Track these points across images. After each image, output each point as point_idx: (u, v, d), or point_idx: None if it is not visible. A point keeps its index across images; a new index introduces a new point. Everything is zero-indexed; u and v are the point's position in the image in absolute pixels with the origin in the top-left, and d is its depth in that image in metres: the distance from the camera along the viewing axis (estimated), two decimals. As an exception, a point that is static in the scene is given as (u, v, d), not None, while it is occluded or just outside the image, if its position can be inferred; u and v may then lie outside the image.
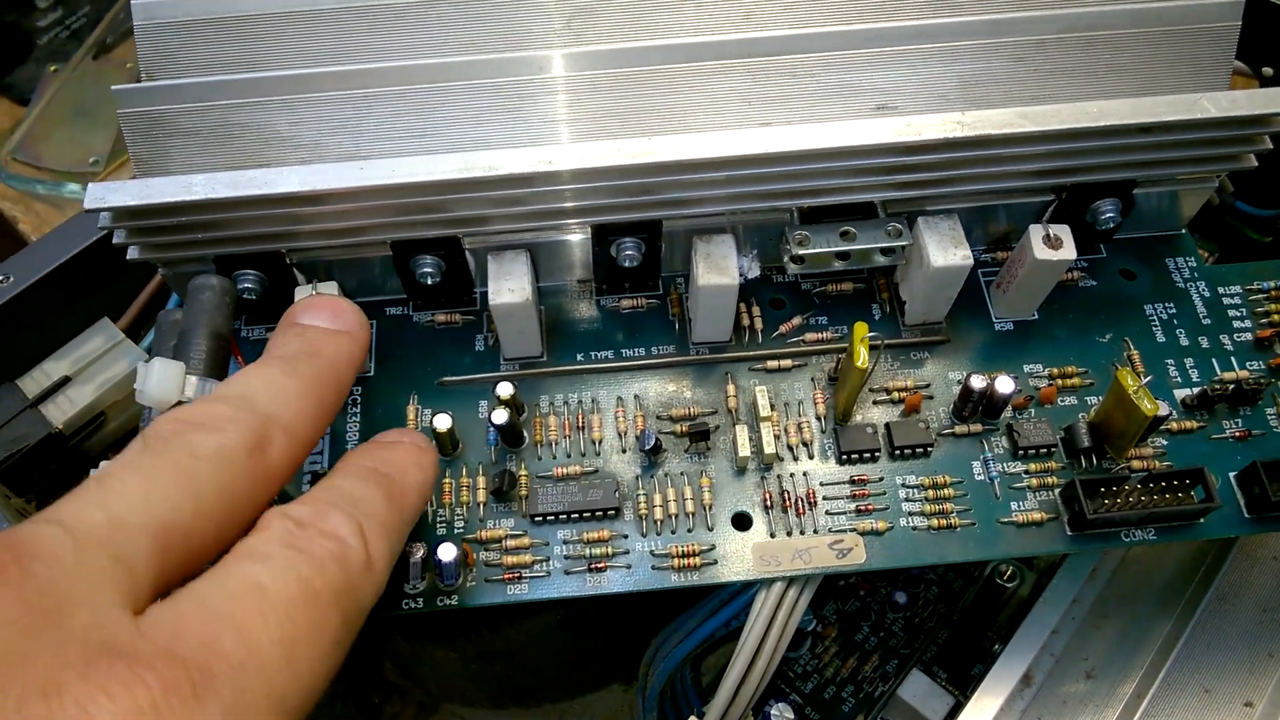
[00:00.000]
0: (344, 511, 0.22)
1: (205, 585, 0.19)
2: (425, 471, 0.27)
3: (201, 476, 0.21)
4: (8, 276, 0.40)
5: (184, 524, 0.20)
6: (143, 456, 0.21)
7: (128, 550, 0.19)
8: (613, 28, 0.34)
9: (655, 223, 0.34)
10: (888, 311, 0.37)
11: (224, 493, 0.21)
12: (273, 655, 0.18)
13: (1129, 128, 0.32)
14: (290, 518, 0.22)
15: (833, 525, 0.33)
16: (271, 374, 0.25)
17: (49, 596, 0.17)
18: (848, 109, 0.34)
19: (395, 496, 0.25)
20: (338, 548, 0.21)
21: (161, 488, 0.20)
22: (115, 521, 0.19)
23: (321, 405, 0.25)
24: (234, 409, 0.23)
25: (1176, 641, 0.40)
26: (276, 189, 0.30)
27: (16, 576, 0.17)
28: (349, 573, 0.21)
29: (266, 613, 0.19)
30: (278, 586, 0.20)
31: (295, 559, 0.20)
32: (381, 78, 0.33)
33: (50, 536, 0.18)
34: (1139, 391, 0.31)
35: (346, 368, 0.27)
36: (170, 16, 0.34)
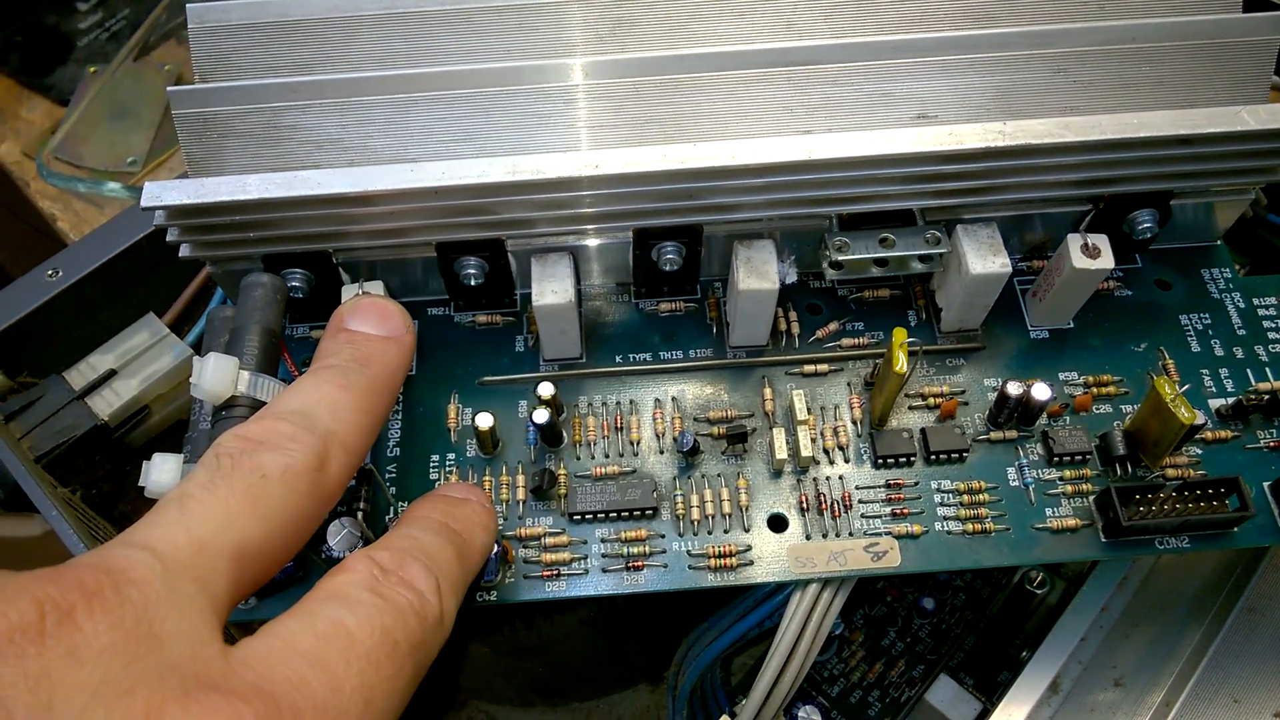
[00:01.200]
0: (423, 564, 0.23)
1: (294, 625, 0.20)
2: (489, 534, 0.28)
3: (272, 497, 0.22)
4: (57, 271, 0.41)
5: (256, 544, 0.21)
6: (217, 478, 0.22)
7: (210, 574, 0.20)
8: (656, 36, 0.35)
9: (696, 228, 0.34)
10: (923, 318, 0.38)
11: (291, 512, 0.22)
12: (354, 701, 0.19)
13: (1169, 139, 0.32)
14: (375, 563, 0.22)
15: (868, 528, 0.34)
16: (327, 389, 0.25)
17: (144, 623, 0.17)
18: (887, 118, 0.34)
19: (464, 556, 0.26)
20: (417, 600, 0.22)
21: (237, 511, 0.21)
22: (198, 546, 0.20)
23: (373, 416, 0.26)
24: (295, 427, 0.23)
25: (1205, 651, 0.40)
26: (330, 189, 0.31)
27: (114, 601, 0.17)
28: (424, 626, 0.22)
29: (351, 659, 0.20)
30: (363, 633, 0.20)
31: (380, 607, 0.21)
32: (427, 83, 0.34)
33: (141, 561, 0.19)
34: (1176, 400, 0.32)
35: (396, 375, 0.28)
36: (223, 20, 0.34)
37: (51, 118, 0.67)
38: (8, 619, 0.16)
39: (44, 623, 0.16)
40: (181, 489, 0.21)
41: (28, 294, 0.41)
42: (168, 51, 0.68)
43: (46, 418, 0.39)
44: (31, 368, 0.42)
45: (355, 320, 0.28)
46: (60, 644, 0.16)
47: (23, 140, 0.67)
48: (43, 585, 0.17)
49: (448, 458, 0.35)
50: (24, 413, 0.39)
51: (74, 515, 0.36)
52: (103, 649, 0.17)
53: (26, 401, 0.39)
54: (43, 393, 0.39)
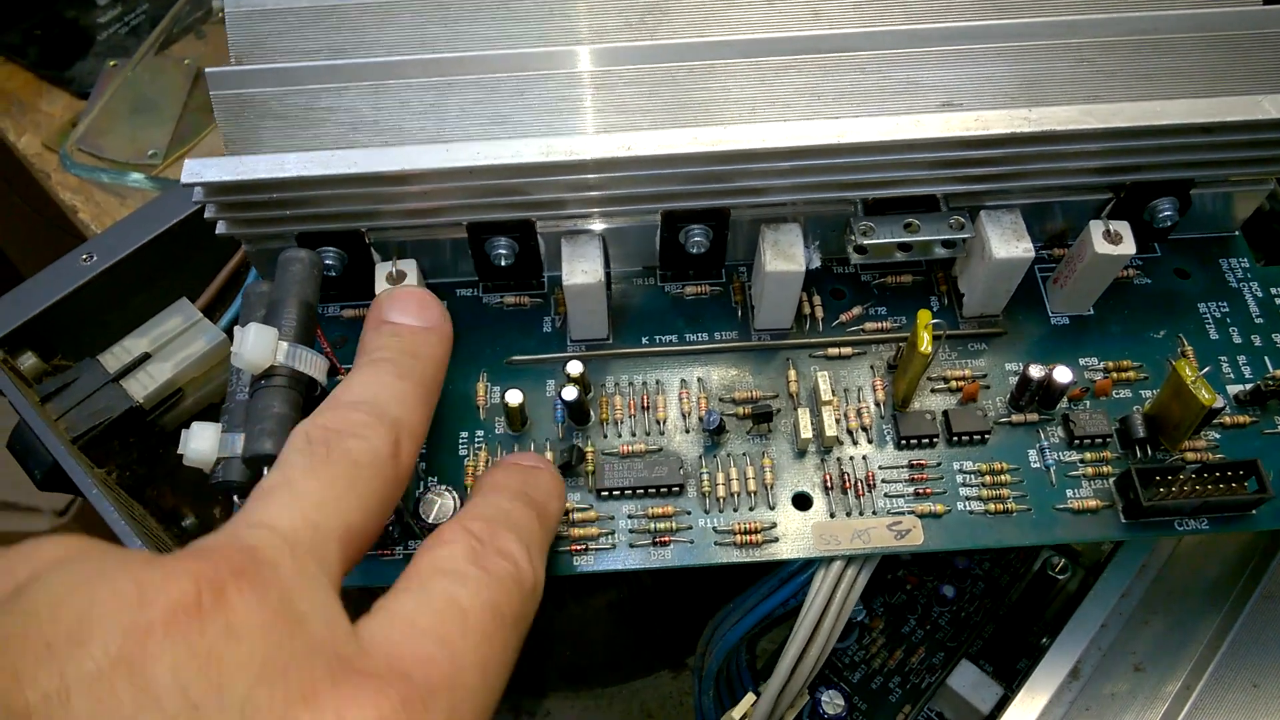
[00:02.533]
0: (514, 533, 0.24)
1: (410, 602, 0.21)
2: (561, 501, 0.29)
3: (365, 481, 0.23)
4: (91, 256, 0.42)
5: (357, 526, 0.22)
6: (315, 464, 0.22)
7: (327, 554, 0.20)
8: (687, 23, 0.35)
9: (724, 211, 0.35)
10: (946, 304, 0.38)
11: (379, 496, 0.23)
12: (474, 674, 0.20)
13: (1191, 127, 0.33)
14: (472, 534, 0.23)
15: (891, 507, 0.34)
16: (388, 379, 0.26)
17: (286, 601, 0.18)
18: (913, 105, 0.35)
19: (545, 521, 0.27)
20: (515, 570, 0.23)
21: (341, 494, 0.22)
22: (313, 526, 0.20)
23: (429, 405, 0.27)
24: (369, 416, 0.24)
25: (1225, 637, 0.41)
26: (367, 168, 0.32)
27: (257, 580, 0.18)
28: (523, 595, 0.23)
29: (468, 633, 0.20)
30: (475, 608, 0.21)
31: (485, 580, 0.22)
32: (462, 66, 0.34)
33: (270, 541, 0.19)
34: (1197, 382, 0.32)
35: (442, 364, 0.29)
36: (258, 4, 0.35)
37: (71, 111, 0.68)
38: (169, 596, 0.16)
39: (201, 601, 0.16)
40: (284, 474, 0.22)
41: (63, 278, 0.41)
42: (188, 46, 0.69)
43: (82, 400, 0.39)
44: (66, 351, 0.43)
45: (395, 312, 0.29)
46: (219, 621, 0.16)
47: (43, 133, 0.67)
48: (197, 563, 0.17)
49: (476, 434, 0.36)
50: (60, 394, 0.39)
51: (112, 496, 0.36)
52: (256, 627, 0.17)
53: (62, 384, 0.40)
54: (78, 375, 0.40)
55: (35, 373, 0.42)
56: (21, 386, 0.40)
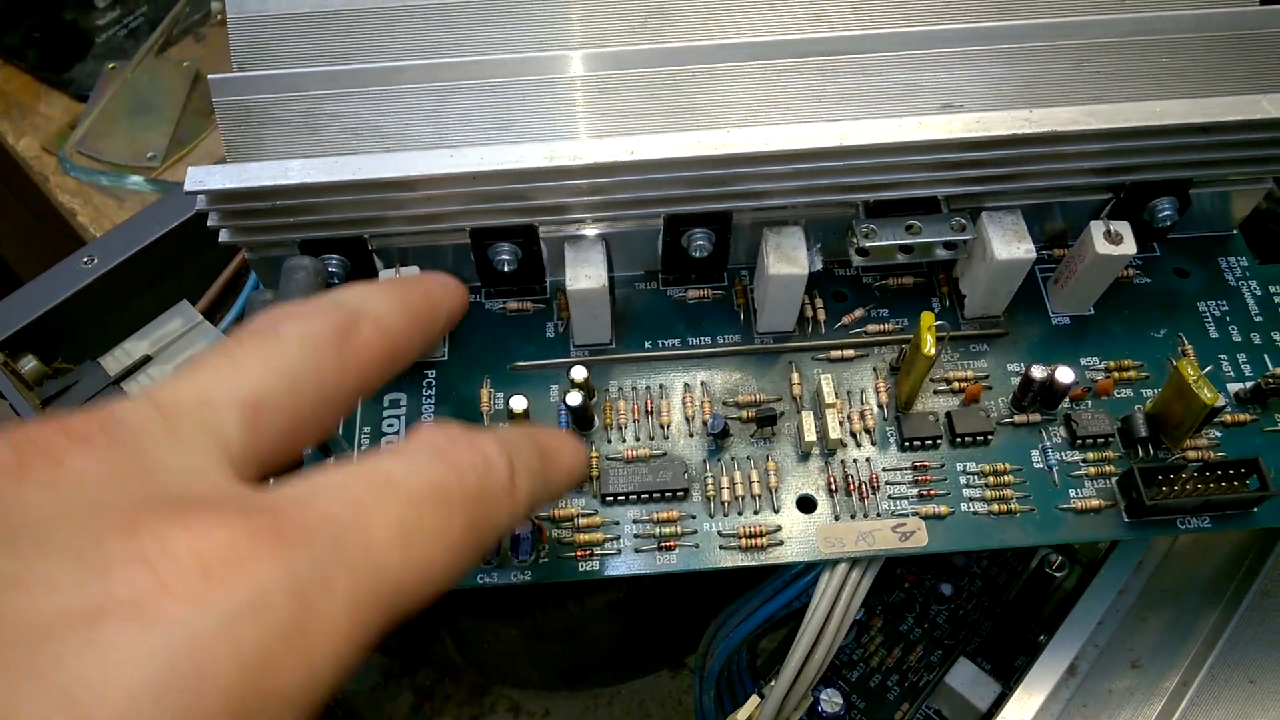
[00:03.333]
0: (498, 443, 0.21)
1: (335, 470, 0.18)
2: (579, 457, 0.25)
3: (287, 355, 0.20)
4: (92, 258, 0.42)
5: (274, 401, 0.19)
6: (230, 343, 0.20)
7: (218, 421, 0.18)
8: (688, 27, 0.35)
9: (726, 214, 0.35)
10: (947, 305, 0.38)
11: (310, 371, 0.20)
12: (384, 536, 0.17)
13: (1191, 127, 0.33)
14: (443, 431, 0.20)
15: (895, 509, 0.34)
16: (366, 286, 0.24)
17: (134, 457, 0.16)
18: (913, 107, 0.35)
19: (548, 457, 0.23)
20: (481, 463, 0.20)
21: (248, 366, 0.20)
22: (203, 397, 0.18)
23: (410, 314, 0.24)
24: (324, 303, 0.22)
25: (1221, 633, 0.41)
26: (370, 175, 0.32)
27: (102, 442, 0.16)
28: (485, 486, 0.19)
29: (388, 497, 0.18)
30: (408, 479, 0.18)
31: (434, 462, 0.19)
32: (464, 71, 0.34)
33: (137, 409, 0.17)
34: (1199, 381, 0.32)
35: (441, 301, 0.26)
36: (261, 10, 0.35)
37: (70, 114, 0.68)
38: None
39: (23, 459, 0.15)
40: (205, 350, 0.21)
41: (64, 281, 0.41)
42: (186, 48, 0.69)
43: (83, 402, 0.39)
44: (67, 354, 0.43)
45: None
46: (38, 478, 0.15)
47: (41, 135, 0.67)
48: (24, 431, 0.16)
49: (481, 440, 0.36)
50: (60, 398, 0.39)
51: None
52: (81, 476, 0.15)
53: (63, 386, 0.40)
54: (78, 378, 0.40)
55: (36, 376, 0.42)
56: (22, 389, 0.40)
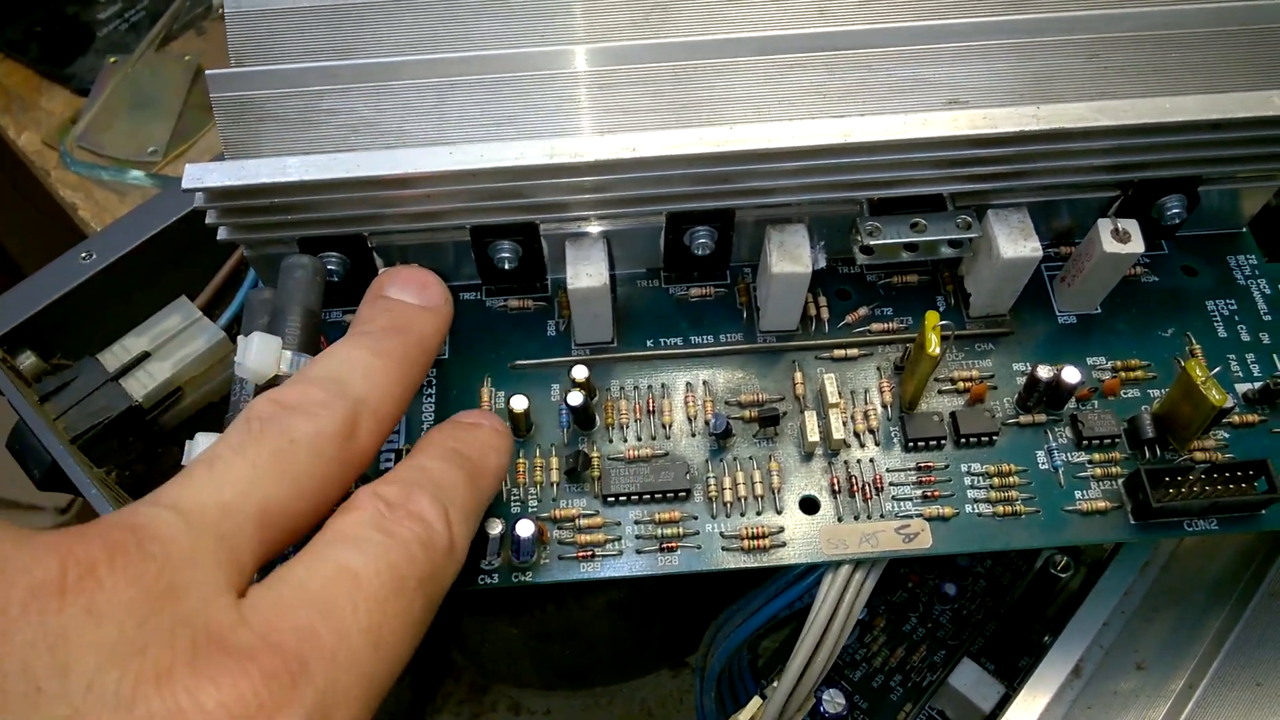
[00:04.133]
0: (430, 494, 0.23)
1: (301, 570, 0.20)
2: (502, 456, 0.28)
3: (299, 461, 0.22)
4: (90, 254, 0.41)
5: (283, 507, 0.21)
6: (246, 440, 0.22)
7: (234, 534, 0.20)
8: (690, 22, 0.35)
9: (729, 212, 0.35)
10: (952, 304, 0.38)
11: (318, 476, 0.22)
12: (362, 643, 0.19)
13: (1201, 123, 0.33)
14: (381, 498, 0.22)
15: (899, 511, 0.34)
16: (360, 354, 0.25)
17: (163, 579, 0.17)
18: (919, 103, 0.35)
19: (476, 479, 0.25)
20: (424, 531, 0.22)
21: (264, 473, 0.21)
22: (224, 507, 0.20)
23: (406, 384, 0.26)
24: (327, 393, 0.23)
25: (1228, 636, 0.41)
26: (369, 172, 0.31)
27: (136, 558, 0.17)
28: (433, 558, 0.22)
29: (358, 601, 0.20)
30: (369, 574, 0.20)
31: (385, 544, 0.21)
32: (464, 67, 0.34)
33: (166, 520, 0.19)
34: (1208, 382, 0.32)
35: (431, 344, 0.28)
36: (259, 4, 0.35)
37: (71, 108, 0.68)
38: (31, 576, 0.16)
39: (65, 579, 0.16)
40: (212, 451, 0.22)
41: (61, 277, 0.41)
42: (188, 42, 0.69)
43: (81, 399, 0.39)
44: (65, 350, 0.42)
45: (395, 288, 0.29)
46: (80, 601, 0.16)
47: (43, 130, 0.67)
48: (68, 542, 0.17)
49: (482, 440, 0.35)
50: (59, 394, 0.39)
51: (111, 495, 0.36)
52: (121, 605, 0.17)
53: (61, 383, 0.39)
54: (77, 374, 0.40)
55: (34, 372, 0.42)
56: (20, 386, 0.40)
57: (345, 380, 0.24)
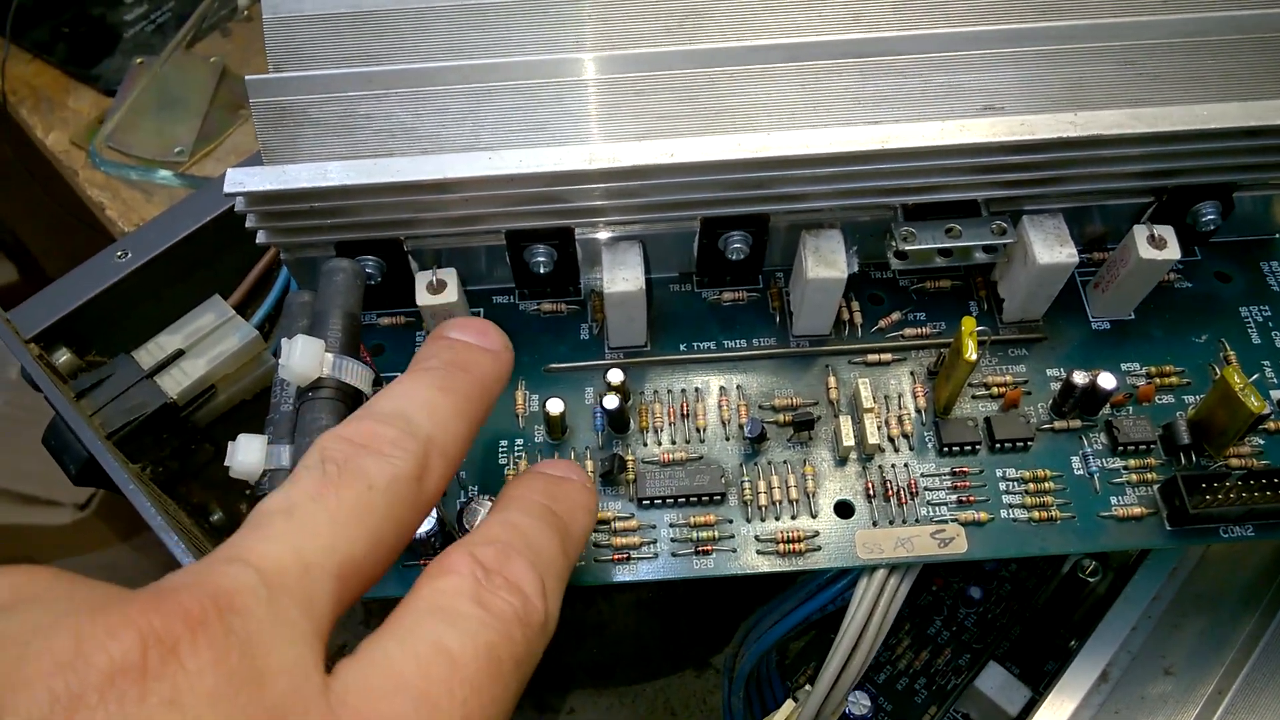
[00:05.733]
0: (527, 560, 0.22)
1: (394, 648, 0.19)
2: (591, 516, 0.26)
3: (378, 510, 0.21)
4: (126, 253, 0.42)
5: (360, 559, 0.20)
6: (325, 488, 0.21)
7: (316, 596, 0.19)
8: (724, 28, 0.35)
9: (763, 217, 0.35)
10: (985, 309, 0.38)
11: (393, 524, 0.21)
12: None
13: (1237, 130, 0.33)
14: (478, 562, 0.21)
15: (934, 515, 0.34)
16: (426, 391, 0.24)
17: (247, 659, 0.16)
18: (954, 109, 0.35)
19: (568, 543, 0.24)
20: (522, 606, 0.21)
21: (345, 526, 0.20)
22: (306, 567, 0.19)
23: (470, 423, 0.25)
24: (398, 431, 0.22)
25: (1258, 641, 0.40)
26: (409, 177, 0.32)
27: (219, 635, 0.16)
28: (529, 636, 0.21)
29: (454, 687, 0.19)
30: (466, 657, 0.19)
31: (484, 621, 0.20)
32: (500, 72, 0.34)
33: (247, 585, 0.18)
34: (1245, 389, 0.32)
35: (492, 386, 0.27)
36: (296, 11, 0.35)
37: (98, 108, 0.68)
38: (110, 656, 0.15)
39: (146, 661, 0.15)
40: (288, 497, 0.20)
41: (97, 275, 0.42)
42: (214, 43, 0.69)
43: (116, 395, 0.39)
44: (100, 347, 0.43)
45: (454, 331, 0.28)
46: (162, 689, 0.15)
47: (70, 130, 0.68)
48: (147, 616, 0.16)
49: (516, 443, 0.36)
50: (94, 390, 0.40)
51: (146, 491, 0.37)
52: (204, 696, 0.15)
53: (97, 379, 0.40)
54: (112, 371, 0.40)
55: (70, 369, 0.42)
56: (57, 382, 0.40)
57: (412, 418, 0.23)
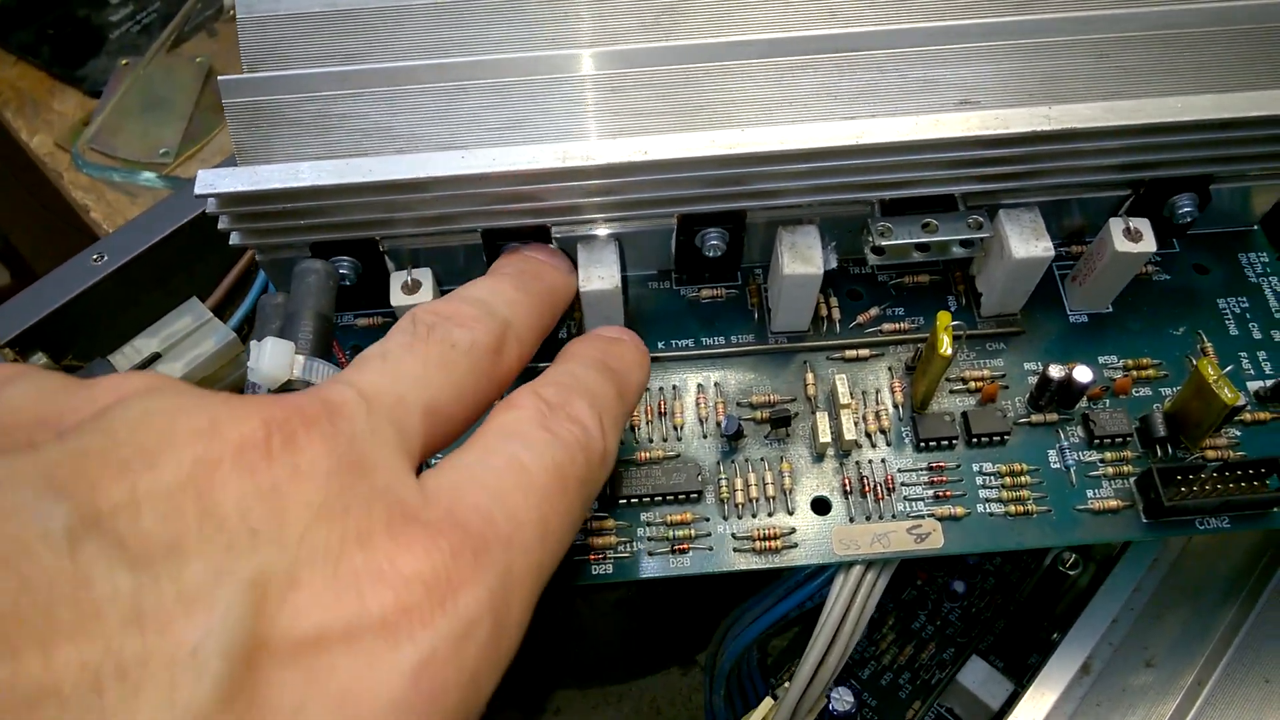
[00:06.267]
0: (586, 400, 0.24)
1: (472, 459, 0.21)
2: (644, 373, 0.28)
3: (460, 366, 0.23)
4: (102, 256, 0.42)
5: (445, 407, 0.22)
6: (414, 340, 0.23)
7: (408, 424, 0.21)
8: (700, 24, 0.35)
9: (740, 213, 0.35)
10: (963, 304, 0.38)
11: (472, 385, 0.23)
12: (531, 533, 0.20)
13: (1212, 123, 0.33)
14: (542, 399, 0.23)
15: (911, 511, 0.34)
16: (505, 286, 0.27)
17: (354, 452, 0.18)
18: (930, 104, 0.35)
19: (624, 393, 0.26)
20: (583, 435, 0.23)
21: (432, 372, 0.22)
22: (399, 397, 0.21)
23: (542, 322, 0.27)
24: (479, 311, 0.25)
25: (1237, 632, 0.41)
26: (381, 177, 0.32)
27: (329, 429, 0.18)
28: (590, 462, 0.22)
29: (528, 493, 0.20)
30: (537, 469, 0.21)
31: (550, 442, 0.22)
32: (475, 70, 0.34)
33: (351, 399, 0.20)
34: (1219, 381, 0.32)
35: (560, 297, 0.30)
36: (271, 10, 0.35)
37: (83, 110, 0.68)
38: (240, 433, 0.17)
39: (270, 442, 0.17)
40: (383, 346, 0.23)
41: (73, 279, 0.42)
42: (199, 44, 0.69)
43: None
44: (77, 351, 0.43)
45: (528, 249, 0.31)
46: (286, 462, 0.17)
47: (55, 132, 0.67)
48: (269, 408, 0.18)
49: (494, 441, 0.35)
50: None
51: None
52: (322, 471, 0.17)
53: (75, 386, 0.40)
54: (89, 375, 0.40)
55: (49, 375, 0.42)
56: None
57: (493, 305, 0.25)
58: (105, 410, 0.17)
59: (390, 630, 0.16)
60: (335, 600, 0.16)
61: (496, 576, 0.18)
